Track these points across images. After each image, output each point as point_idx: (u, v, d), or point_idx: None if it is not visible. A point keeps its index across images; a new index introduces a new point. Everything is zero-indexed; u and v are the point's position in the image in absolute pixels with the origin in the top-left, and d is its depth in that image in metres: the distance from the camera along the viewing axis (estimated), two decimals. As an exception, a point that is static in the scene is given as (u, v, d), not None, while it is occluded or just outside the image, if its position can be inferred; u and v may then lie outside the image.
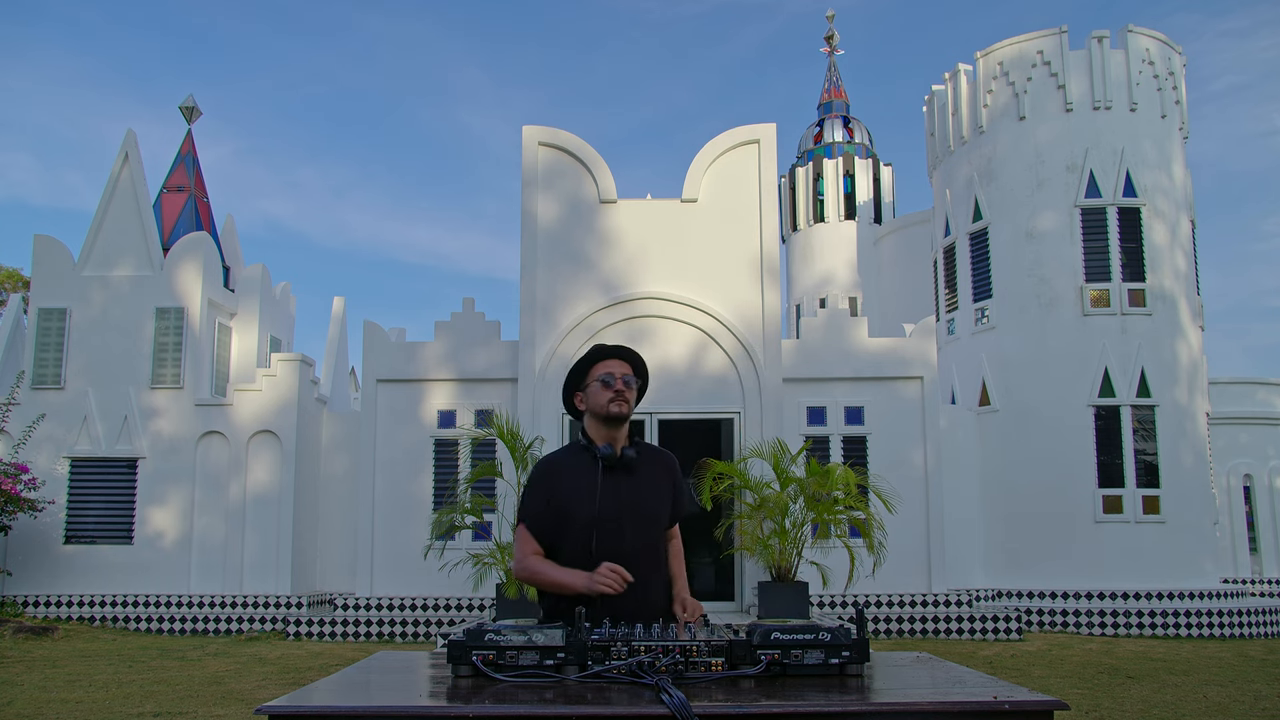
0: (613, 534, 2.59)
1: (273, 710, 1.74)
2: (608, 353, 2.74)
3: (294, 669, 8.52)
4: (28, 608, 12.06)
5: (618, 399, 2.65)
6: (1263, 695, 7.27)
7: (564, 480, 2.68)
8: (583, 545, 2.59)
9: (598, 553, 2.55)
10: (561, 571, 2.59)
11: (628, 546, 2.59)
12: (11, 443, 12.36)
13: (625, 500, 2.63)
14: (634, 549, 2.59)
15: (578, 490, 2.64)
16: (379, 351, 12.13)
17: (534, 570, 2.64)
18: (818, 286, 19.01)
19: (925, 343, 12.20)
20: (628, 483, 2.65)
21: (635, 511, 2.63)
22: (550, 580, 2.60)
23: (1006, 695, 1.79)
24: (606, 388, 2.67)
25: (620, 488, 2.64)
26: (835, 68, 20.90)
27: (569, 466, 2.71)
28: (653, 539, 2.67)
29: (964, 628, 10.95)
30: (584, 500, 2.61)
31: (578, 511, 2.61)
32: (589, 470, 2.65)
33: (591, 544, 2.57)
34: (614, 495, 2.62)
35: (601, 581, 2.46)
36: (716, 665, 1.98)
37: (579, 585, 2.51)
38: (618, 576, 2.46)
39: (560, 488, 2.67)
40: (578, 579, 2.53)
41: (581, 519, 2.61)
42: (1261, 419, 15.34)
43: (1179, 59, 13.64)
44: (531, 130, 12.10)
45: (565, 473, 2.70)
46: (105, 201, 13.21)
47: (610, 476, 2.64)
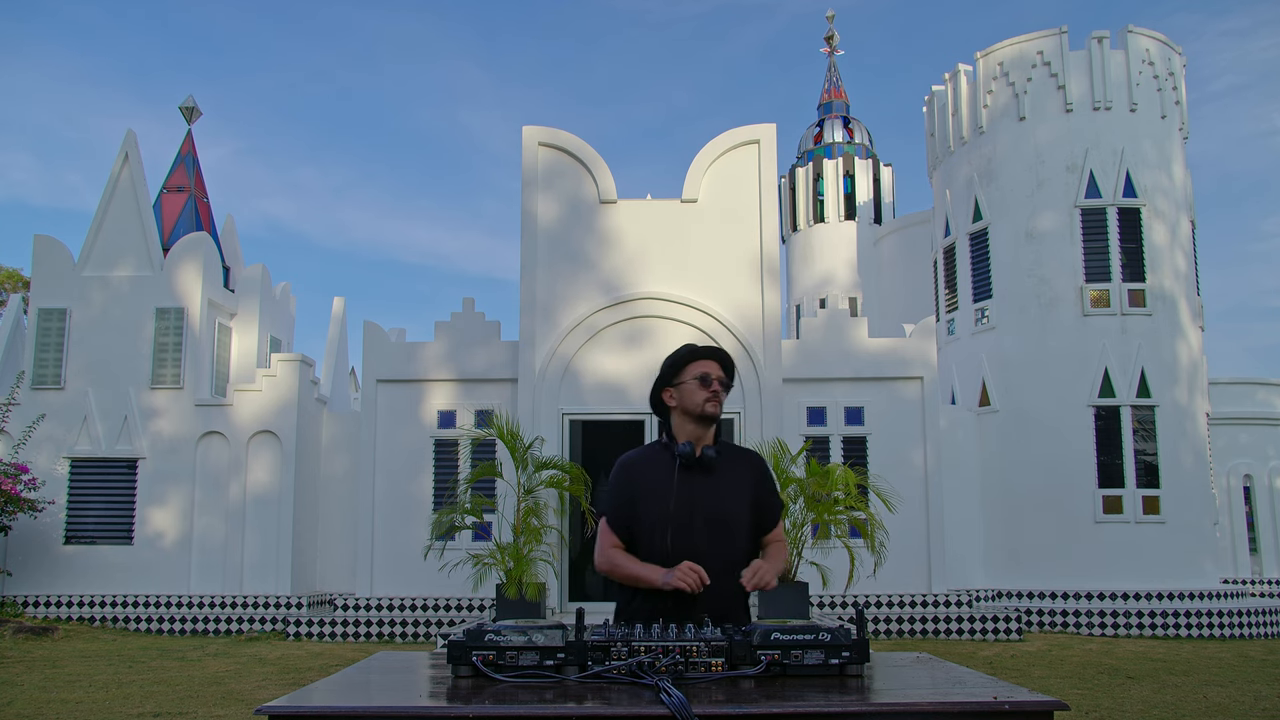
0: (683, 534, 2.58)
1: (273, 710, 1.74)
2: (705, 353, 2.73)
3: (294, 669, 8.52)
4: (28, 608, 12.06)
5: (713, 399, 2.66)
6: (1263, 695, 7.27)
7: (642, 477, 2.70)
8: (654, 544, 2.60)
9: (672, 552, 2.56)
10: (641, 566, 2.61)
11: (699, 548, 2.57)
12: (11, 443, 12.36)
13: (699, 501, 2.62)
14: (705, 550, 2.57)
15: (653, 488, 2.65)
16: (379, 351, 12.13)
17: (615, 563, 2.67)
18: (818, 287, 19.01)
19: (925, 343, 12.20)
20: (705, 483, 2.64)
21: (708, 512, 2.62)
22: (629, 573, 2.62)
23: (1006, 695, 1.79)
24: (704, 386, 2.67)
25: (696, 488, 2.63)
26: (835, 68, 20.91)
27: (648, 464, 2.73)
28: (727, 541, 2.63)
29: (964, 628, 10.95)
30: (657, 498, 2.62)
31: (650, 509, 2.63)
32: (667, 468, 2.66)
33: (665, 542, 2.57)
34: (688, 495, 2.61)
35: (679, 578, 2.46)
36: (716, 665, 1.98)
37: (656, 580, 2.53)
38: (696, 576, 2.45)
39: (638, 485, 2.69)
40: (655, 574, 2.55)
41: (653, 517, 2.62)
42: (1261, 419, 15.34)
43: (1179, 59, 13.64)
44: (531, 130, 12.10)
45: (644, 470, 2.72)
46: (105, 201, 13.21)
47: (688, 476, 2.63)
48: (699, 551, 2.57)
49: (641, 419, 11.57)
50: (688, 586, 2.45)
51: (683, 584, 2.45)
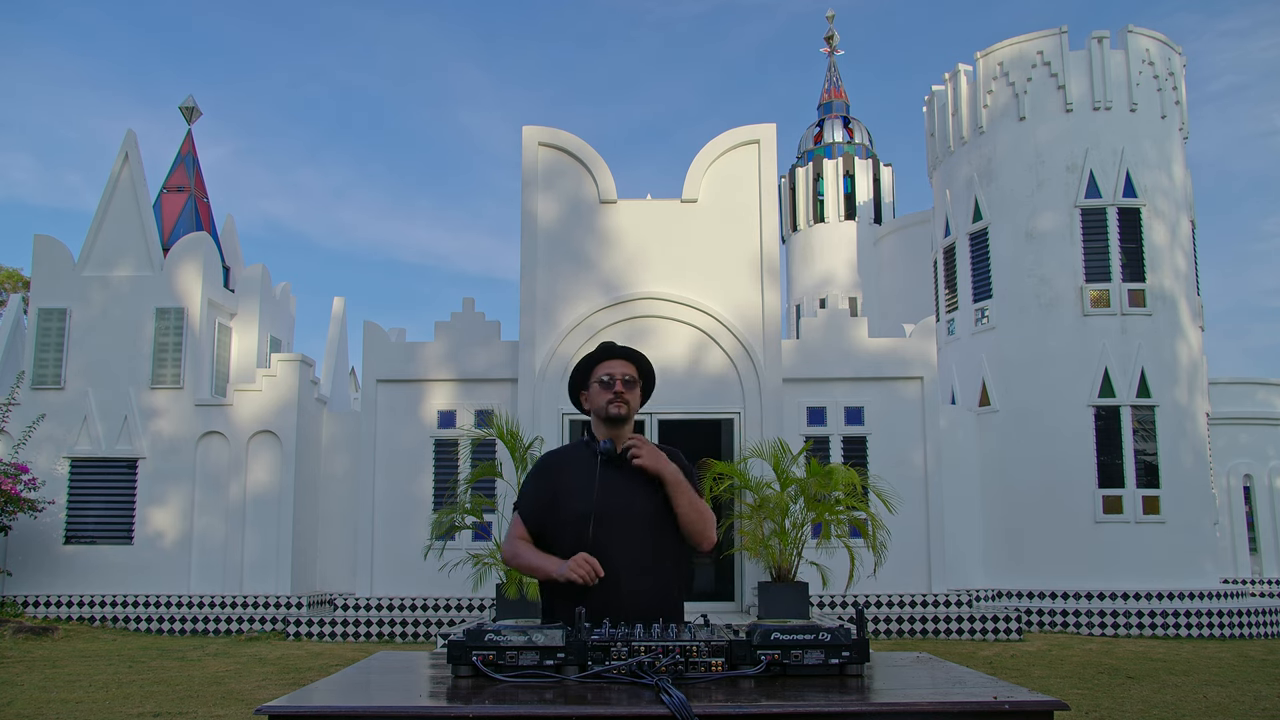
0: (604, 530, 2.57)
1: (273, 710, 1.74)
2: (611, 353, 2.74)
3: (294, 669, 8.52)
4: (28, 608, 12.06)
5: (616, 400, 2.67)
6: (1263, 695, 7.27)
7: (561, 475, 2.70)
8: (573, 540, 2.59)
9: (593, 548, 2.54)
10: (540, 557, 2.62)
11: (616, 544, 2.56)
12: (11, 443, 12.36)
13: (618, 497, 2.61)
14: (624, 546, 2.57)
15: (573, 485, 2.65)
16: (379, 351, 12.13)
17: (516, 553, 2.68)
18: (818, 286, 19.01)
19: (925, 343, 12.20)
20: (623, 480, 2.64)
21: (627, 509, 2.61)
22: (527, 564, 2.64)
23: (1006, 695, 1.79)
24: (605, 389, 2.68)
25: (616, 485, 2.63)
26: (835, 68, 20.91)
27: (569, 461, 2.74)
28: (647, 537, 2.61)
29: (964, 628, 10.95)
30: (576, 495, 2.62)
31: (569, 506, 2.63)
32: (587, 466, 2.66)
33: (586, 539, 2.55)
34: (607, 492, 2.61)
35: (571, 569, 2.45)
36: (716, 665, 1.98)
37: (551, 570, 2.53)
38: (589, 568, 2.44)
39: (557, 482, 2.69)
40: (551, 564, 2.55)
41: (572, 514, 2.61)
42: (1261, 419, 15.34)
43: (1179, 59, 13.64)
44: (531, 130, 12.10)
45: (564, 467, 2.72)
46: (105, 201, 13.21)
47: (607, 473, 2.63)
48: (620, 548, 2.56)
49: (641, 419, 11.57)
50: (579, 578, 2.44)
51: (574, 575, 2.44)
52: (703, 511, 2.64)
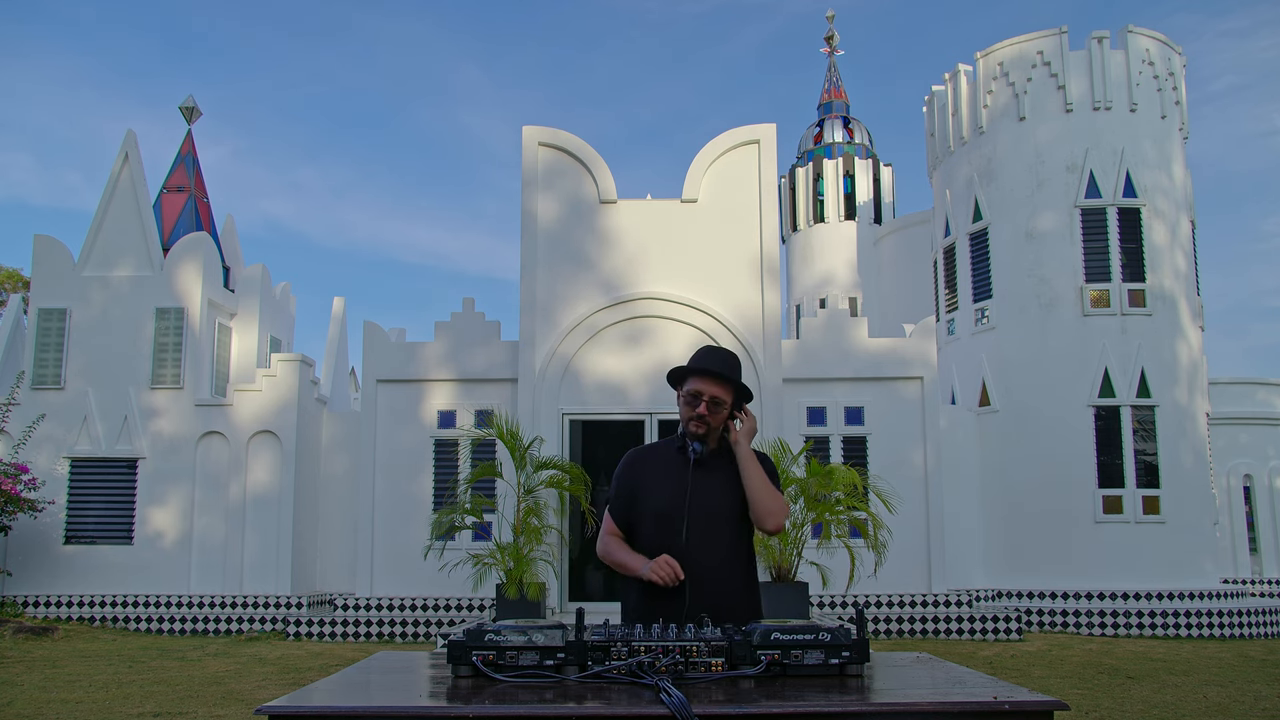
0: (678, 530, 2.61)
1: (273, 710, 1.74)
2: (706, 369, 2.67)
3: (294, 669, 8.52)
4: (28, 608, 12.06)
5: (698, 420, 2.66)
6: (1263, 695, 7.27)
7: (646, 472, 2.75)
8: (654, 537, 2.64)
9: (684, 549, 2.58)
10: (628, 554, 2.69)
11: (699, 544, 2.60)
12: (11, 443, 12.36)
13: (703, 498, 2.64)
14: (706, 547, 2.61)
15: (656, 482, 2.69)
16: (379, 351, 12.13)
17: (606, 550, 2.76)
18: (818, 286, 19.01)
19: (925, 343, 12.20)
20: (705, 481, 2.67)
21: (711, 509, 2.65)
22: (617, 560, 2.71)
23: (1006, 695, 1.79)
24: (690, 406, 2.68)
25: (702, 485, 2.66)
26: (835, 68, 20.91)
27: (655, 458, 2.78)
28: (720, 538, 2.65)
29: (964, 628, 10.95)
30: (658, 493, 2.67)
31: (651, 503, 2.67)
32: (673, 464, 2.71)
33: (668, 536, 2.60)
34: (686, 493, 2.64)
35: (653, 570, 2.51)
36: (716, 665, 1.98)
37: (638, 568, 2.59)
38: (670, 570, 2.50)
39: (641, 479, 2.74)
40: (637, 562, 2.62)
41: (653, 511, 2.66)
42: (1261, 419, 15.34)
43: (1179, 59, 13.64)
44: (531, 130, 12.10)
45: (650, 464, 2.77)
46: (105, 201, 13.21)
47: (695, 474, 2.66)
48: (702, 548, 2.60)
49: (641, 419, 11.57)
50: (659, 579, 2.49)
51: (654, 576, 2.50)
52: (773, 490, 2.67)
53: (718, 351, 2.72)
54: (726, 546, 2.65)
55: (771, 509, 2.64)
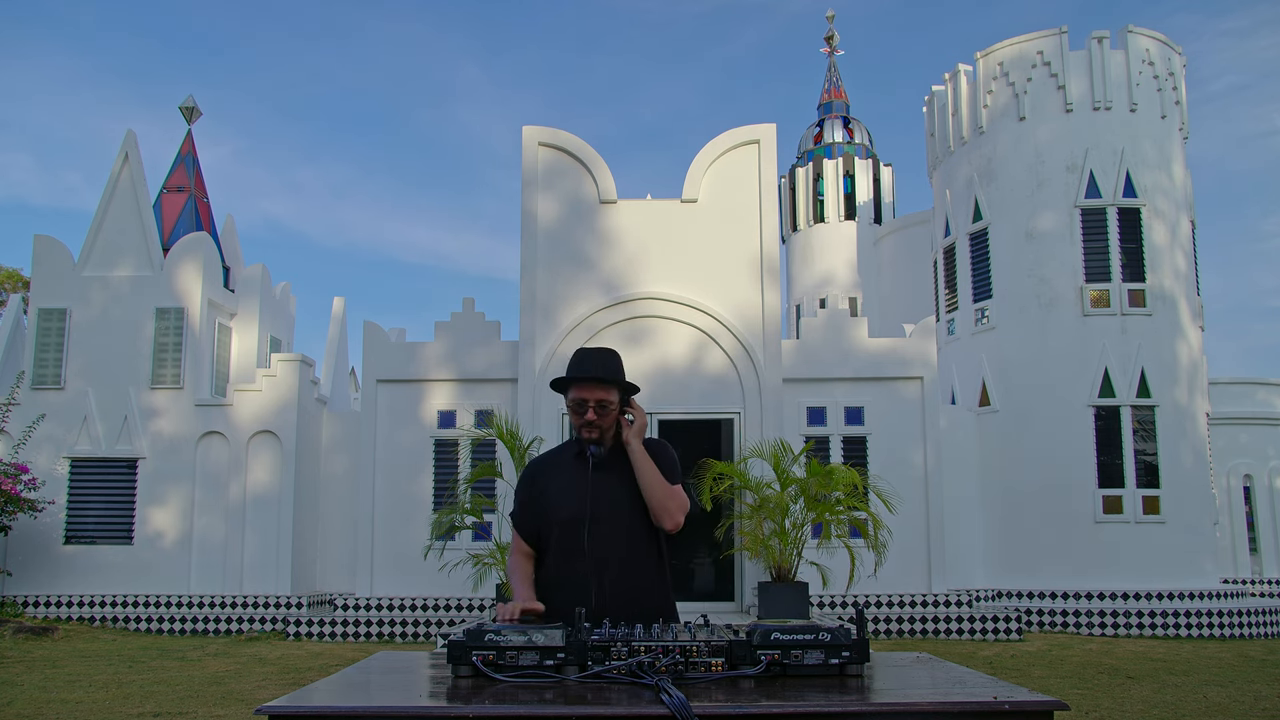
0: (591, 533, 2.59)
1: (273, 710, 1.74)
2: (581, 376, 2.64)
3: (294, 669, 8.52)
4: (28, 608, 12.06)
5: (588, 427, 2.65)
6: (1263, 695, 7.27)
7: (548, 479, 2.73)
8: (564, 543, 2.63)
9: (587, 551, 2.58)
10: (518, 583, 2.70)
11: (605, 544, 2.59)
12: (11, 443, 12.36)
13: (605, 497, 2.63)
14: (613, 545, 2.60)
15: (560, 489, 2.68)
16: (379, 351, 12.13)
17: (509, 568, 2.79)
18: (818, 286, 19.01)
19: (925, 343, 12.20)
20: (612, 480, 2.66)
21: (614, 508, 2.63)
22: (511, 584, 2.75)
23: (1006, 695, 1.79)
24: (577, 414, 2.67)
25: (603, 485, 2.65)
26: (835, 68, 20.91)
27: (555, 465, 2.77)
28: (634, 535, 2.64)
29: (964, 628, 10.95)
30: (563, 498, 2.65)
31: (557, 510, 2.65)
32: (574, 468, 2.69)
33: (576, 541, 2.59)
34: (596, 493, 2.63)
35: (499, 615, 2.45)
36: (716, 665, 1.98)
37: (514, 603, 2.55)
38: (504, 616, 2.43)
39: (544, 487, 2.72)
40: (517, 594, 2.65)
41: (560, 517, 2.64)
42: (1261, 419, 15.34)
43: (1179, 59, 13.64)
44: (531, 130, 12.10)
45: (550, 471, 2.75)
46: (105, 201, 13.21)
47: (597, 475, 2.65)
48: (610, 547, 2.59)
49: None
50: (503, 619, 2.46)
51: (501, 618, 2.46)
52: (668, 488, 2.62)
53: (592, 354, 2.68)
54: (628, 545, 2.63)
55: (667, 507, 2.60)
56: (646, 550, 2.67)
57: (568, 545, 2.61)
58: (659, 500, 2.61)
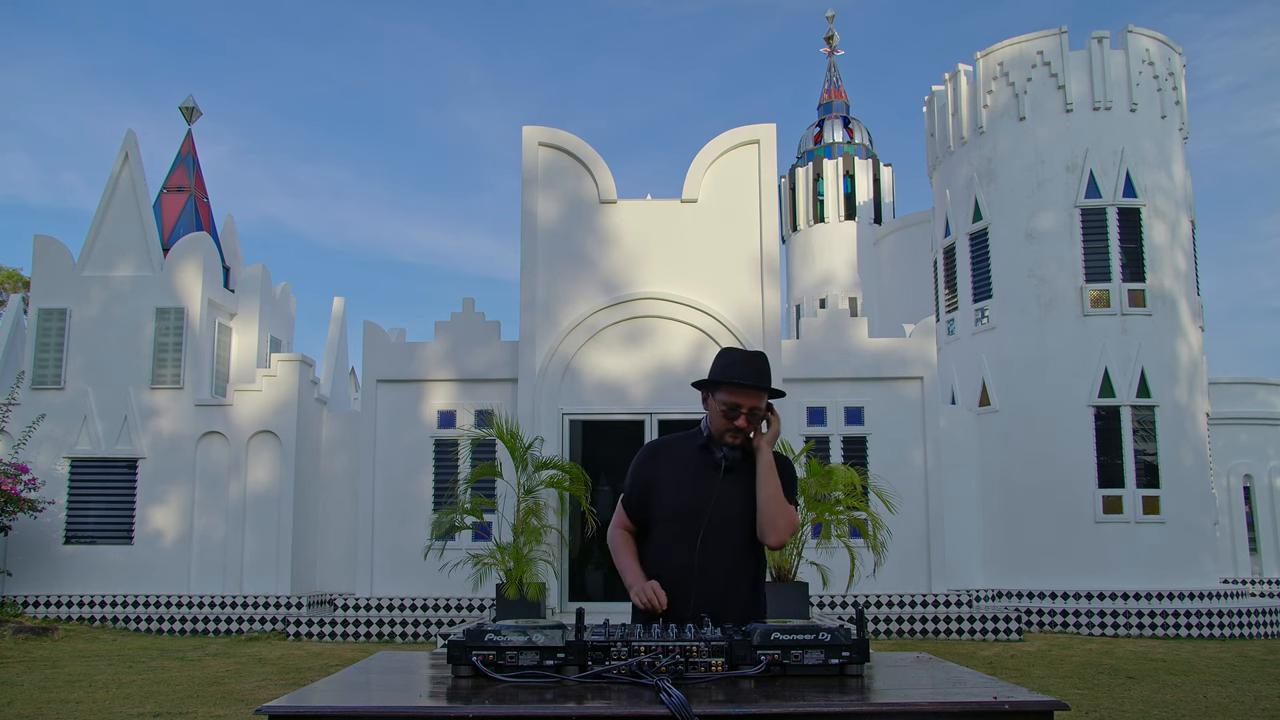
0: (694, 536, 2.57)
1: (273, 710, 1.74)
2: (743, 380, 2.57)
3: (294, 669, 8.52)
4: (28, 608, 12.06)
5: (734, 434, 2.62)
6: (1263, 695, 7.27)
7: (665, 466, 2.68)
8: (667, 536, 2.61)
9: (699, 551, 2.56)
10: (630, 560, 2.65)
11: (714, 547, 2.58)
12: (11, 443, 12.35)
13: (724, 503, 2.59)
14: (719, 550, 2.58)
15: (674, 479, 2.64)
16: (379, 351, 12.13)
17: (614, 544, 2.72)
18: (818, 287, 19.01)
19: (925, 343, 12.20)
20: (727, 487, 2.62)
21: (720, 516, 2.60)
22: (619, 562, 2.68)
23: (1006, 695, 1.79)
24: (727, 419, 2.61)
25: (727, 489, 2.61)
26: (835, 68, 20.91)
27: (675, 454, 2.71)
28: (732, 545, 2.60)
29: (964, 628, 10.95)
30: (676, 491, 2.62)
31: (666, 501, 2.62)
32: (697, 462, 2.65)
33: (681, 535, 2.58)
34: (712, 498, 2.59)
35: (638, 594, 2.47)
36: (716, 665, 1.98)
37: (630, 582, 2.57)
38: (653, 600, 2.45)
39: (659, 472, 2.68)
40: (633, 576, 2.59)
41: (669, 509, 2.62)
42: (1261, 419, 15.34)
43: (1179, 59, 13.64)
44: (531, 130, 12.10)
45: (669, 459, 2.70)
46: (105, 201, 13.21)
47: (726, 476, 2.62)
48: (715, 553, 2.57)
49: (641, 419, 11.57)
50: (640, 604, 2.47)
51: (638, 600, 2.48)
52: (784, 503, 2.58)
53: (752, 360, 2.61)
54: (737, 554, 2.61)
55: (778, 525, 2.56)
56: (749, 560, 2.65)
57: (677, 539, 2.58)
58: (771, 514, 2.56)
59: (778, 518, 2.56)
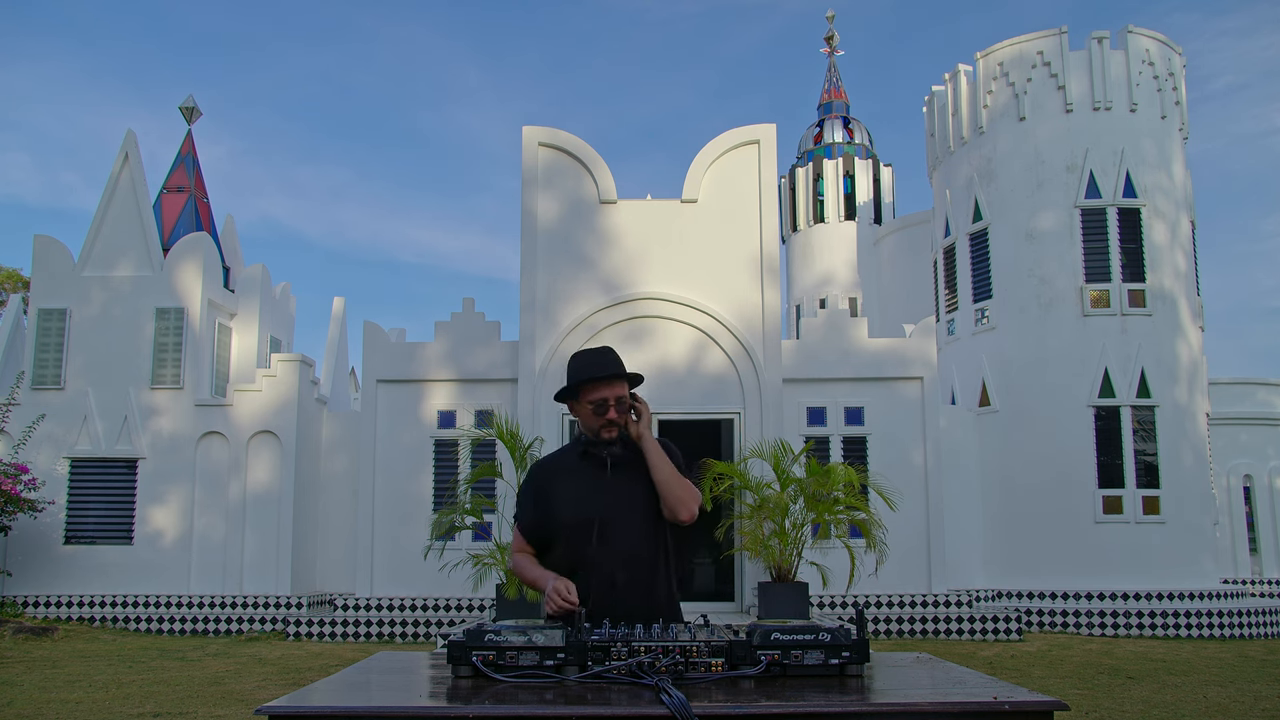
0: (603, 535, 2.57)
1: (273, 710, 1.74)
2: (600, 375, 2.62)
3: (294, 669, 8.52)
4: (28, 608, 12.06)
5: (609, 426, 2.64)
6: (1263, 695, 7.27)
7: (556, 482, 2.69)
8: (573, 546, 2.60)
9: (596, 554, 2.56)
10: (536, 570, 2.64)
11: (616, 545, 2.58)
12: (11, 443, 12.35)
13: (617, 499, 2.61)
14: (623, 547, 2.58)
15: (568, 492, 2.65)
16: (379, 351, 12.13)
17: (517, 568, 2.72)
18: (818, 287, 19.01)
19: (925, 343, 12.20)
20: (621, 480, 2.63)
21: (627, 510, 2.61)
22: (527, 578, 2.67)
23: (1006, 695, 1.79)
24: (599, 414, 2.64)
25: (615, 486, 2.62)
26: (835, 68, 20.91)
27: (562, 467, 2.73)
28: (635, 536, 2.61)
29: (964, 628, 10.95)
30: (573, 502, 2.62)
31: (566, 513, 2.63)
32: (584, 470, 2.66)
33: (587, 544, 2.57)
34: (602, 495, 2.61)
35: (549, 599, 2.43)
36: (716, 665, 1.98)
37: (543, 587, 2.53)
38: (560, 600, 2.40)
39: (551, 490, 2.69)
40: (543, 581, 2.55)
41: (570, 521, 2.62)
42: (1261, 419, 15.34)
43: (1179, 59, 13.64)
44: (531, 130, 12.10)
45: (557, 474, 2.72)
46: (105, 201, 13.21)
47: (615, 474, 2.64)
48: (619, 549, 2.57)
49: (641, 419, 11.55)
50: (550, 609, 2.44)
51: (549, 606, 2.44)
52: (682, 480, 2.62)
53: (599, 354, 2.68)
54: (643, 544, 2.61)
55: (683, 498, 2.59)
56: (659, 548, 2.65)
57: (579, 546, 2.59)
58: (675, 492, 2.59)
59: (681, 492, 2.60)
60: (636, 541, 2.61)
